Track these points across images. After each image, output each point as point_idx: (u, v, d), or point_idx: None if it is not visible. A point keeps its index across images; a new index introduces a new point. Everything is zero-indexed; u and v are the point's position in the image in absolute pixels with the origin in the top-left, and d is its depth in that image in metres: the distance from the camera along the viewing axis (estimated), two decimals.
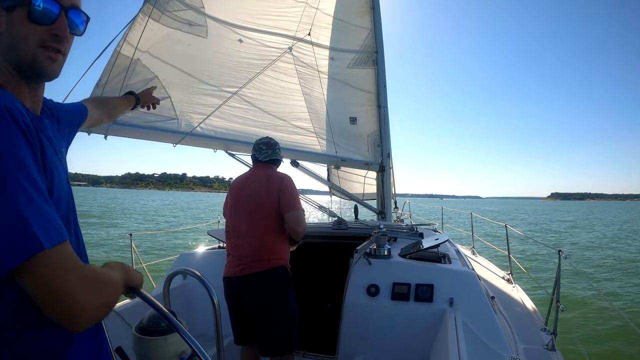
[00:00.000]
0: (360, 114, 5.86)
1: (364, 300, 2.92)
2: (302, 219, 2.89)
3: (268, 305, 2.71)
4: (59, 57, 1.03)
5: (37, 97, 1.08)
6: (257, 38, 4.71)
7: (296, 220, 2.83)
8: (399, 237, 4.11)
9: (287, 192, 2.86)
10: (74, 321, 0.83)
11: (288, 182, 2.93)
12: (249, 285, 2.74)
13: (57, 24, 1.01)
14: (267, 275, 2.73)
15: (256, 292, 2.73)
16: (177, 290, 3.35)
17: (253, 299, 2.74)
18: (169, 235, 20.07)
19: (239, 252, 2.83)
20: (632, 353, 6.26)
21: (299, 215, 2.86)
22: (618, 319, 7.30)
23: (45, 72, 1.02)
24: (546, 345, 3.06)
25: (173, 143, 4.11)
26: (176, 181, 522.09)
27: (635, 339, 6.53)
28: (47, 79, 1.05)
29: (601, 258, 16.18)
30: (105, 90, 3.59)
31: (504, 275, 5.26)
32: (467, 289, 2.85)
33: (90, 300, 0.84)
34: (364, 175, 6.30)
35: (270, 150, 3.09)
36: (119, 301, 1.08)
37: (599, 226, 33.95)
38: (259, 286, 2.73)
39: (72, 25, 1.06)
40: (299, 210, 2.88)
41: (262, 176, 2.95)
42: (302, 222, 2.88)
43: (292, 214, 2.82)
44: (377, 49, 5.92)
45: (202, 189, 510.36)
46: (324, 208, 4.66)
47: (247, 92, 4.66)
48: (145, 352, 1.64)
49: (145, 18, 3.80)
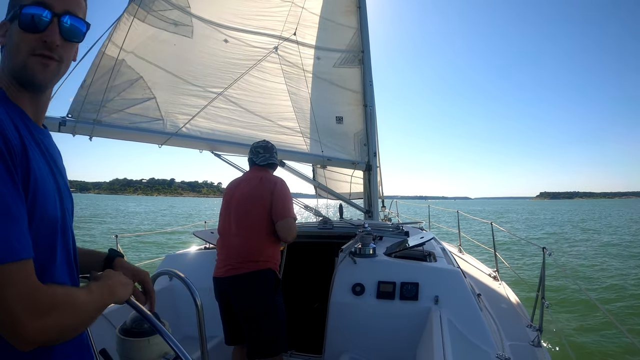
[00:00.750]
0: (347, 113, 5.89)
1: (349, 299, 2.92)
2: (293, 227, 2.81)
3: (254, 308, 2.67)
4: (50, 63, 1.01)
5: (39, 107, 1.08)
6: (242, 38, 4.71)
7: (287, 229, 2.78)
8: (384, 235, 4.13)
9: (280, 198, 2.79)
10: (15, 341, 0.82)
11: (281, 187, 2.86)
12: (235, 287, 2.70)
13: (48, 31, 1.00)
14: (253, 277, 2.68)
15: (242, 294, 2.69)
16: (163, 292, 3.34)
17: (239, 301, 2.70)
18: (156, 237, 20.02)
19: (227, 252, 2.79)
20: (615, 348, 6.37)
21: (290, 224, 2.79)
22: (602, 315, 7.44)
23: (35, 79, 1.00)
24: (532, 342, 3.09)
25: (158, 144, 4.09)
26: (164, 186, 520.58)
27: (617, 334, 6.68)
28: (39, 87, 1.03)
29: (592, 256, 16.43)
30: (90, 91, 3.58)
31: (491, 273, 5.29)
32: (452, 287, 2.85)
33: (33, 322, 0.82)
34: (351, 174, 6.33)
35: (268, 154, 3.03)
36: (89, 325, 1.04)
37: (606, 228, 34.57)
38: (245, 288, 2.68)
39: (66, 32, 1.04)
40: (291, 218, 2.81)
41: (255, 178, 2.91)
42: (293, 231, 2.80)
43: (284, 222, 2.76)
44: (364, 49, 5.95)
45: (190, 194, 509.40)
46: (310, 208, 4.67)
47: (233, 93, 4.66)
48: (128, 353, 1.65)
49: (130, 18, 3.80)
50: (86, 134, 3.63)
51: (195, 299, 1.93)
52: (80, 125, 3.53)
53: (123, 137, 3.89)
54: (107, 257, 1.50)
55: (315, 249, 4.33)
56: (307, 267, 4.39)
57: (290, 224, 2.78)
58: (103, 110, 3.67)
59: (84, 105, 3.57)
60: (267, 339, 2.68)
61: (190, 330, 3.27)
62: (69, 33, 1.05)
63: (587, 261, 14.68)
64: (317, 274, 4.20)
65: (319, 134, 5.46)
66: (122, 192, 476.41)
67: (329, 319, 2.93)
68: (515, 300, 4.25)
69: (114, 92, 3.76)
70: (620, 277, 11.70)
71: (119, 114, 3.78)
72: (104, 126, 3.70)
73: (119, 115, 3.76)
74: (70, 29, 1.05)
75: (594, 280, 11.37)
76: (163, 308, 2.73)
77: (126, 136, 3.82)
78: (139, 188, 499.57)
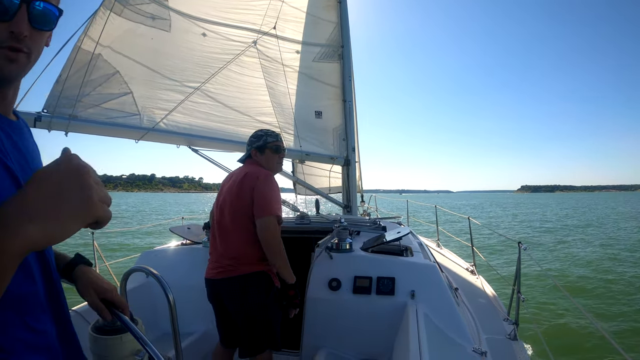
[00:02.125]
0: (326, 108, 5.91)
1: (325, 295, 2.91)
2: (271, 227, 2.56)
3: (244, 311, 2.60)
4: (17, 56, 0.89)
5: (6, 100, 0.96)
6: (221, 32, 4.70)
7: (264, 229, 2.56)
8: (362, 230, 4.14)
9: (261, 194, 2.58)
10: None
11: (264, 181, 2.63)
12: (226, 289, 2.65)
13: (16, 19, 0.87)
14: (242, 280, 2.60)
15: (233, 297, 2.63)
16: (139, 289, 3.32)
17: (230, 304, 2.66)
18: (133, 234, 19.88)
19: (217, 253, 2.72)
20: (588, 339, 6.60)
21: (267, 223, 2.55)
22: (575, 309, 7.68)
23: (1, 75, 0.89)
24: (508, 335, 3.10)
25: (135, 139, 4.08)
26: (145, 182, 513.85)
27: (587, 325, 6.91)
28: (6, 82, 0.92)
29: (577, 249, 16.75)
30: (65, 86, 3.56)
31: (468, 267, 5.33)
32: (428, 282, 2.86)
33: None
34: (329, 169, 6.37)
35: (254, 139, 2.87)
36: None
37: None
38: (234, 291, 2.62)
39: (37, 20, 0.91)
40: (271, 217, 2.57)
41: (241, 174, 2.73)
42: (271, 232, 2.56)
43: (260, 222, 2.56)
44: (343, 43, 5.98)
45: (171, 189, 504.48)
46: (287, 203, 4.68)
47: (211, 87, 4.65)
48: (101, 351, 1.67)
49: (106, 12, 3.77)
50: (62, 129, 3.59)
51: (167, 296, 1.91)
52: (56, 121, 3.50)
53: (99, 133, 3.86)
54: (69, 263, 1.34)
55: (293, 244, 4.34)
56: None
57: (267, 223, 2.55)
58: (79, 105, 3.64)
59: (59, 100, 3.54)
60: (260, 339, 2.63)
61: (169, 327, 3.28)
62: (40, 20, 0.92)
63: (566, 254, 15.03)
64: (295, 270, 4.22)
65: (297, 129, 5.49)
66: None
67: (306, 314, 2.93)
68: (492, 294, 4.28)
69: (90, 87, 3.73)
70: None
71: (95, 109, 3.75)
72: (79, 121, 3.67)
73: (95, 111, 3.73)
74: (41, 16, 0.92)
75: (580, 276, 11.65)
76: (140, 305, 2.75)
77: (102, 131, 3.80)
78: (119, 184, 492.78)
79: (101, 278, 1.38)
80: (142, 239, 19.13)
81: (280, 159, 2.93)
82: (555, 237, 20.81)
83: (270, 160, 2.86)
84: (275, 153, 2.87)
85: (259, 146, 2.84)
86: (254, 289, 2.61)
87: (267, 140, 2.84)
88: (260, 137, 2.86)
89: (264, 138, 2.85)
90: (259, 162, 2.84)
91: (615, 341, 2.74)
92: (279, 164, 2.94)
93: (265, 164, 2.84)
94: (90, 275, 1.33)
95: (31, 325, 0.88)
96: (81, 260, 1.37)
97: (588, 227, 26.18)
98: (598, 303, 8.77)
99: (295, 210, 4.76)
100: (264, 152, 2.84)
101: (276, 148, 2.86)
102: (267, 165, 2.84)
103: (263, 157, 2.84)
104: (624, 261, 13.45)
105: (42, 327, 0.91)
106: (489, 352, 2.57)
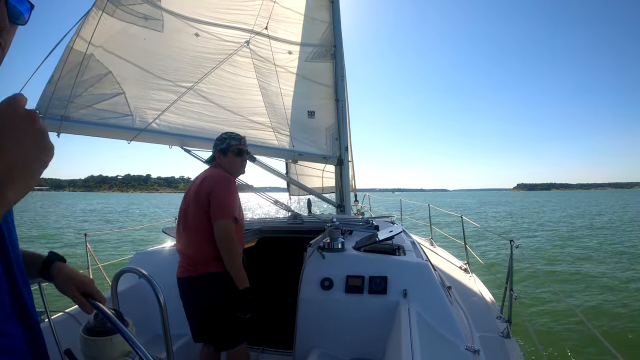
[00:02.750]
0: (319, 108, 5.93)
1: (318, 294, 2.92)
2: (226, 230, 2.60)
3: (205, 309, 2.66)
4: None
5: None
6: (214, 32, 4.70)
7: (220, 232, 2.59)
8: (354, 230, 4.15)
9: (216, 197, 2.63)
10: None
11: (221, 185, 2.67)
12: (187, 288, 2.72)
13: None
14: (201, 279, 2.66)
15: (194, 295, 2.70)
16: (131, 290, 3.33)
17: (192, 302, 2.72)
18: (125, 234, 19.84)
19: (180, 253, 2.81)
20: (579, 337, 6.67)
21: (222, 227, 2.60)
22: (567, 307, 7.76)
23: None
24: (501, 333, 3.12)
25: (127, 140, 4.07)
26: (140, 182, 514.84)
27: (579, 323, 6.99)
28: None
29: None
30: (57, 86, 3.55)
31: (461, 265, 5.36)
32: (421, 280, 2.87)
33: None
34: (322, 169, 6.38)
35: (218, 142, 2.93)
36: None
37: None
38: (194, 289, 2.68)
39: (14, 14, 0.88)
40: (227, 220, 2.61)
41: (201, 177, 2.81)
42: (227, 234, 2.60)
43: (216, 225, 2.60)
44: (336, 43, 6.00)
45: (167, 189, 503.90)
46: (279, 203, 4.69)
47: (203, 87, 4.66)
48: (91, 352, 1.69)
49: (99, 12, 3.76)
50: (54, 130, 3.59)
51: (158, 297, 1.93)
52: (48, 122, 3.50)
53: (91, 134, 3.85)
54: (46, 262, 1.35)
55: (286, 244, 4.35)
56: (277, 262, 4.39)
57: (222, 226, 2.60)
58: (71, 106, 3.64)
59: (51, 101, 3.54)
60: (226, 334, 2.67)
61: (160, 329, 3.28)
62: (16, 14, 0.89)
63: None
64: (287, 270, 4.22)
65: (290, 129, 5.50)
66: (98, 189, 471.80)
67: (299, 314, 2.94)
68: (485, 292, 4.30)
69: (82, 88, 3.73)
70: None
71: (87, 110, 3.75)
72: (72, 122, 3.67)
73: (87, 111, 3.73)
74: (17, 10, 0.89)
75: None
76: (131, 307, 2.75)
77: (95, 132, 3.80)
78: (114, 185, 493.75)
79: (78, 272, 1.41)
80: (135, 240, 19.12)
81: (243, 162, 2.98)
82: (550, 235, 20.97)
83: (232, 163, 2.91)
84: (237, 156, 2.92)
85: (222, 149, 2.89)
86: (212, 289, 2.65)
87: (230, 143, 2.90)
88: (224, 140, 2.91)
89: (227, 141, 2.91)
90: (222, 165, 2.89)
91: (604, 339, 2.78)
92: (242, 167, 2.99)
93: (228, 167, 2.89)
94: (67, 270, 1.35)
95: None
96: (56, 257, 1.39)
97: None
98: (591, 301, 8.87)
99: (288, 210, 4.77)
100: (227, 154, 2.89)
101: (238, 151, 2.91)
102: (229, 168, 2.90)
103: (226, 160, 2.90)
104: (620, 258, 13.61)
105: (8, 330, 0.90)
106: (482, 350, 2.59)
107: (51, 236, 20.98)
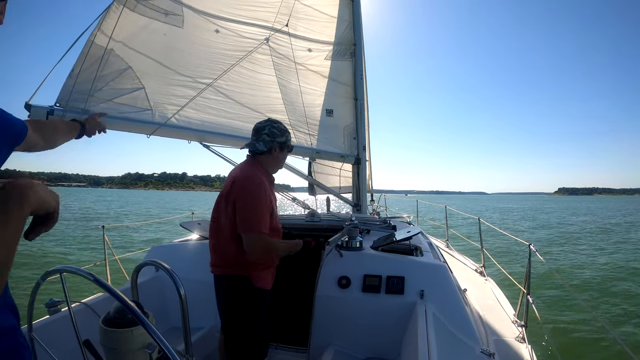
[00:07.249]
0: (337, 106, 5.89)
1: (335, 292, 2.92)
2: (258, 245, 2.42)
3: (224, 312, 2.62)
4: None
5: None
6: (234, 29, 4.69)
7: (250, 246, 2.42)
8: (371, 229, 4.13)
9: (242, 207, 2.42)
10: None
11: (246, 193, 2.44)
12: (216, 286, 2.67)
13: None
14: (224, 281, 2.59)
15: (218, 295, 2.65)
16: (149, 283, 3.35)
17: (218, 301, 2.68)
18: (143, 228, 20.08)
19: (211, 249, 2.71)
20: (597, 344, 6.51)
21: (252, 241, 2.41)
22: (586, 312, 7.59)
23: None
24: (517, 337, 3.10)
25: (147, 134, 4.09)
26: (176, 180, 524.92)
27: (599, 330, 6.82)
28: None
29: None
30: (78, 80, 3.57)
31: (477, 268, 5.33)
32: (438, 282, 2.86)
33: None
34: (340, 167, 6.36)
35: (254, 138, 2.71)
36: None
37: None
38: (219, 289, 2.64)
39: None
40: (254, 234, 2.40)
41: (232, 176, 2.62)
42: (257, 249, 2.43)
43: (245, 238, 2.43)
44: (356, 42, 5.96)
45: (202, 187, 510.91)
46: (297, 200, 4.67)
47: (222, 84, 4.64)
48: (111, 344, 1.67)
49: (120, 7, 3.77)
50: None
51: (179, 290, 1.94)
52: (69, 115, 3.51)
53: (111, 127, 3.84)
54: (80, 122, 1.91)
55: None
56: (293, 260, 4.40)
57: (253, 241, 2.41)
58: (91, 99, 3.65)
59: (72, 94, 3.55)
60: (240, 343, 2.58)
61: (177, 322, 3.28)
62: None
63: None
64: (304, 267, 4.22)
65: (308, 127, 5.47)
66: (134, 186, 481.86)
67: (315, 312, 2.93)
68: (501, 295, 4.27)
69: (103, 82, 3.74)
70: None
71: (107, 104, 3.76)
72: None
73: (107, 105, 3.74)
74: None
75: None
76: (149, 299, 2.76)
77: (114, 126, 3.81)
78: (150, 182, 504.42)
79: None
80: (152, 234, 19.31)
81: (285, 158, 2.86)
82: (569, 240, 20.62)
83: (282, 159, 2.80)
84: (289, 152, 2.82)
85: (281, 142, 2.70)
86: (232, 294, 2.56)
87: (289, 137, 2.76)
88: (283, 132, 2.71)
89: (287, 135, 2.73)
90: (265, 161, 2.71)
91: (625, 344, 2.70)
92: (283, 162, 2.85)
93: (273, 163, 2.74)
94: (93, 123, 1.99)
95: None
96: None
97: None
98: (611, 306, 8.65)
99: (305, 207, 4.75)
100: (283, 149, 2.75)
101: (291, 148, 2.81)
102: (275, 164, 2.76)
103: (281, 155, 2.75)
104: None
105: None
106: (497, 354, 2.57)
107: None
